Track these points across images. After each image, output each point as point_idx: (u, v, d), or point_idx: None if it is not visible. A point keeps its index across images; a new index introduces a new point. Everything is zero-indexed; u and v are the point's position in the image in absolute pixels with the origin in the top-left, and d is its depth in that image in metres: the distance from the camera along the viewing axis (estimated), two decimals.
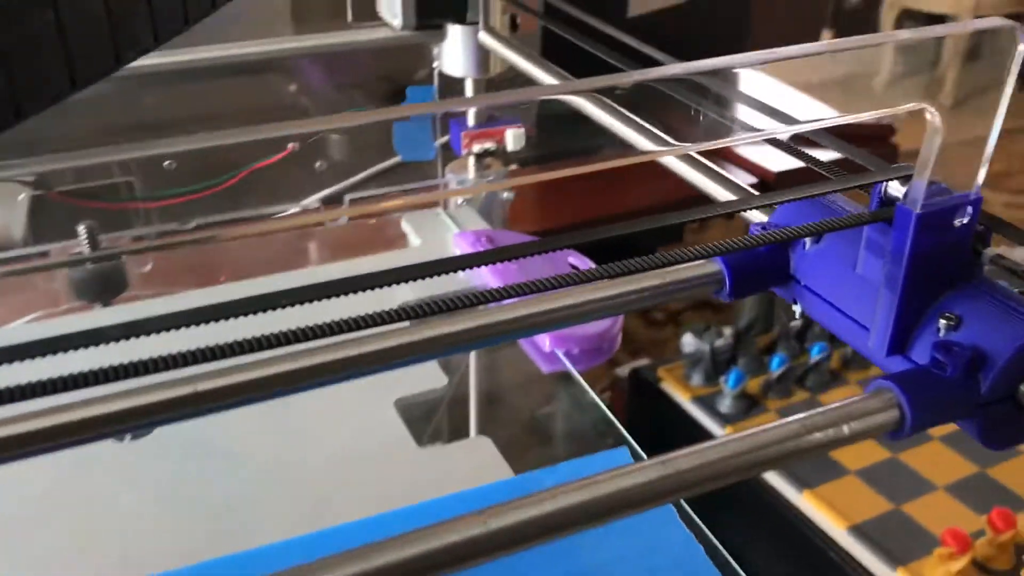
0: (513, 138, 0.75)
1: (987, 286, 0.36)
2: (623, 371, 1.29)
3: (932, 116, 0.33)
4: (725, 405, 1.05)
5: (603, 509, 0.30)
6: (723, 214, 0.40)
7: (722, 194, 0.49)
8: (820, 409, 0.33)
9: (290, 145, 0.75)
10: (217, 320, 0.28)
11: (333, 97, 0.81)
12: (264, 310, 0.29)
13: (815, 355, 1.06)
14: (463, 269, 0.33)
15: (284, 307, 0.29)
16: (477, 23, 0.72)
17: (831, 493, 0.92)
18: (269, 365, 0.34)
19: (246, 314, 0.29)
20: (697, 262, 0.42)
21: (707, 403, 1.06)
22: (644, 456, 0.38)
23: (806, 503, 0.92)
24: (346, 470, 0.48)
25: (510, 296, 0.33)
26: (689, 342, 1.14)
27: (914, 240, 0.35)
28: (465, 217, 0.71)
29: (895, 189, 0.37)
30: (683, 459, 0.31)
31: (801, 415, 0.33)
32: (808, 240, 0.42)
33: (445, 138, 0.79)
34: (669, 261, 0.35)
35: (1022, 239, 0.36)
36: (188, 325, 0.28)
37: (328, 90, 0.82)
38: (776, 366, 1.05)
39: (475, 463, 0.47)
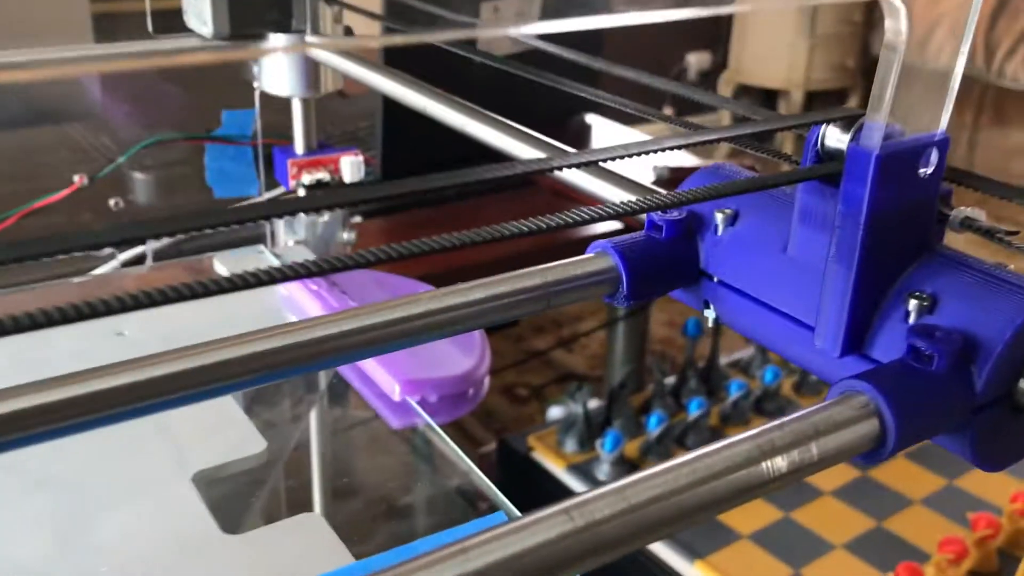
0: (350, 167, 0.64)
1: (956, 256, 0.28)
2: (487, 450, 1.18)
3: (894, 19, 0.24)
4: (603, 471, 0.95)
5: None
6: (589, 162, 0.31)
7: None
8: (775, 423, 0.24)
9: (77, 178, 0.62)
10: None
11: (131, 126, 0.69)
12: None
13: (693, 411, 0.99)
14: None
15: None
16: (304, 32, 0.61)
17: (724, 561, 0.83)
18: None
19: None
20: (584, 256, 0.33)
21: (583, 471, 0.96)
22: None
23: (699, 574, 0.83)
24: (135, 564, 0.35)
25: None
26: (556, 413, 1.05)
27: (874, 192, 0.26)
28: (296, 257, 0.59)
29: (836, 140, 0.29)
30: (596, 505, 0.20)
31: (753, 431, 0.24)
32: (720, 223, 0.33)
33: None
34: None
35: (1003, 192, 0.27)
36: None
37: (124, 118, 0.70)
38: (654, 425, 0.96)
39: (304, 548, 0.35)
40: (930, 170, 0.27)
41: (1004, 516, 0.83)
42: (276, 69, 0.63)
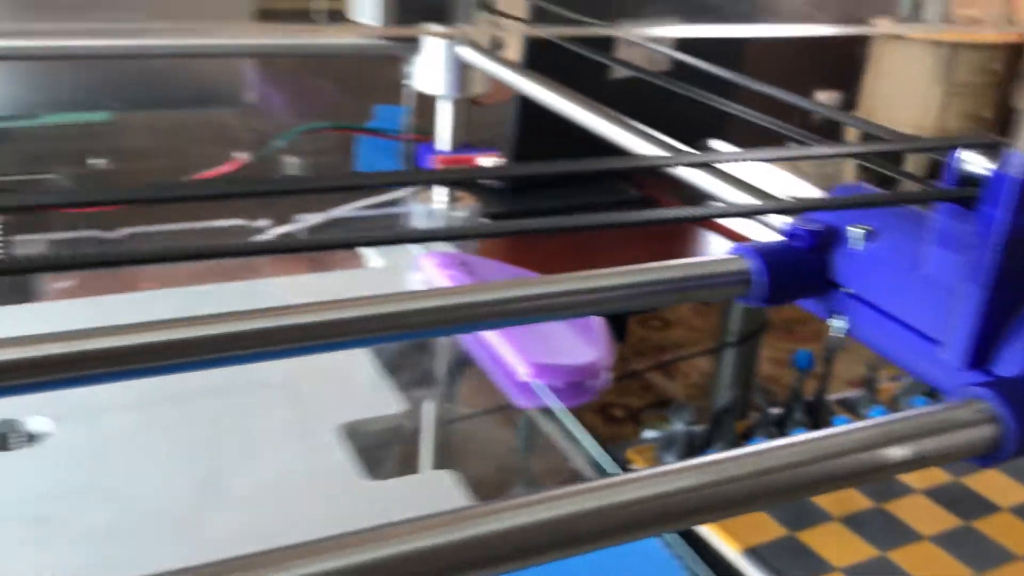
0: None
1: None
2: None
3: None
4: None
5: (620, 525, 0.22)
6: (705, 162, 0.33)
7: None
8: (894, 416, 0.26)
9: (237, 157, 0.67)
10: None
11: (281, 116, 0.74)
12: None
13: None
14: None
15: None
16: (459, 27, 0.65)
17: None
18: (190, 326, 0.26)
19: None
20: (722, 256, 0.35)
21: None
22: None
23: None
24: (277, 501, 0.39)
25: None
26: (649, 434, 1.06)
27: (1013, 217, 0.27)
28: (430, 243, 0.63)
29: (972, 164, 0.30)
30: (728, 465, 0.23)
31: (870, 421, 0.25)
32: (857, 238, 0.34)
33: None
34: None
35: None
36: None
37: (274, 108, 0.75)
38: None
39: (431, 500, 0.38)
40: None
41: None
42: (430, 69, 0.67)
